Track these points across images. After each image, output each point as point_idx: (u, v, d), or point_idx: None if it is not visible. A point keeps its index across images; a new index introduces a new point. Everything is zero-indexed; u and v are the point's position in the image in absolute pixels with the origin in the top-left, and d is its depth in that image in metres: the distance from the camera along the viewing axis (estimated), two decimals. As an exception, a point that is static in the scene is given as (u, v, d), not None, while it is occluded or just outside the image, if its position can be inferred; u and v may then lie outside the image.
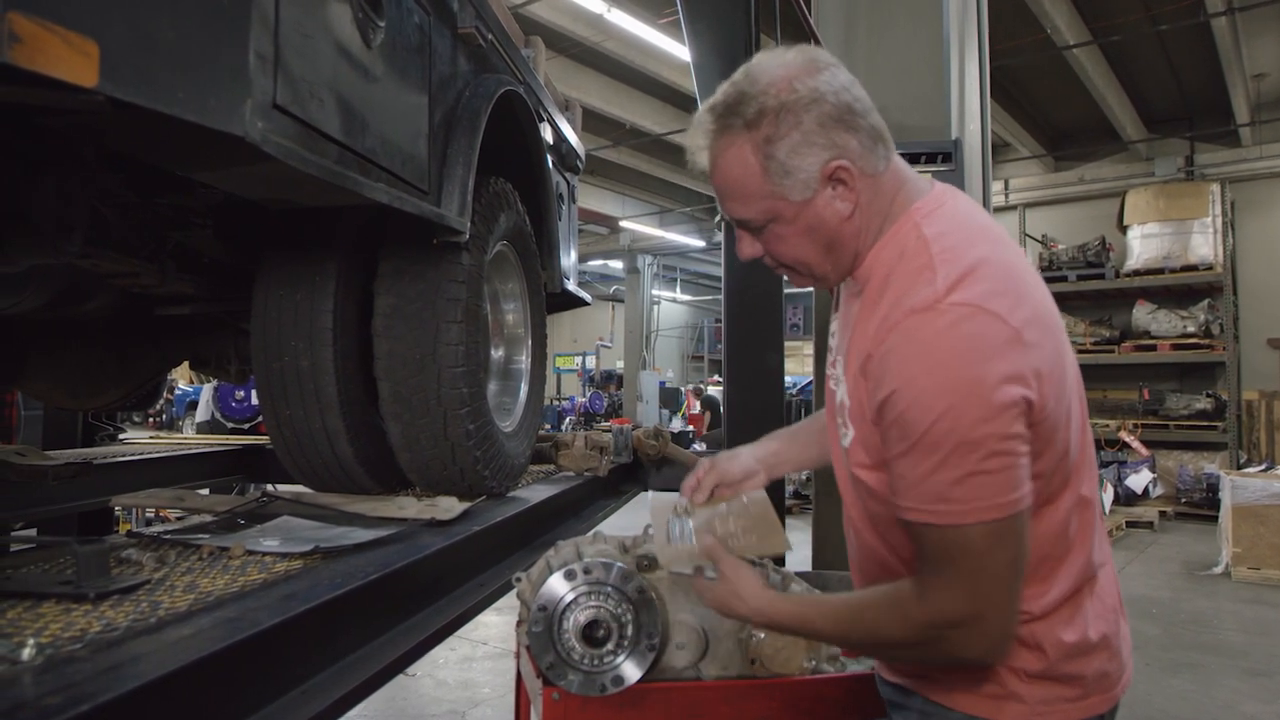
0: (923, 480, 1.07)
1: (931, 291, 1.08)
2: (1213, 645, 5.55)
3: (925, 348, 1.06)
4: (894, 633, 1.14)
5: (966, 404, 1.03)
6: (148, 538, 1.79)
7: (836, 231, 1.20)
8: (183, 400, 15.50)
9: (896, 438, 1.09)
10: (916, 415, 1.05)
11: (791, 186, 1.17)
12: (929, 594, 1.10)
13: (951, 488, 1.05)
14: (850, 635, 1.23)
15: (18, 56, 0.89)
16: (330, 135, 1.51)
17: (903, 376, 1.07)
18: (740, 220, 1.24)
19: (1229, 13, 8.64)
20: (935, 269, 1.11)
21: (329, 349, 2.17)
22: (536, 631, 1.57)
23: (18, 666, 1.02)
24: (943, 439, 1.04)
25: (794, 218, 1.19)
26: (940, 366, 1.05)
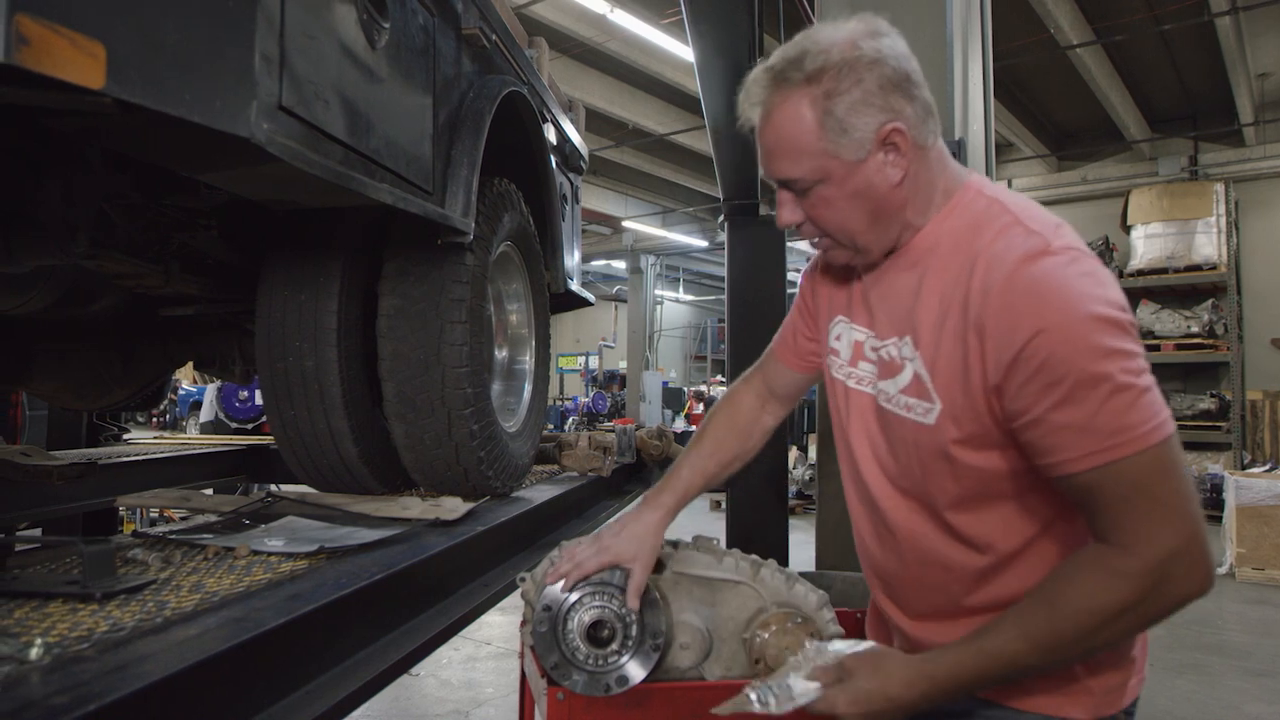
0: (1094, 417, 1.01)
1: (1038, 240, 1.09)
2: (1216, 646, 5.54)
3: (1053, 287, 1.04)
4: (1113, 600, 1.03)
5: (1109, 328, 1.02)
6: (153, 538, 1.80)
7: (885, 199, 1.18)
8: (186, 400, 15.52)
9: (1044, 386, 1.03)
10: (1067, 352, 1.01)
11: (846, 145, 1.14)
12: (1136, 538, 1.03)
13: (1127, 413, 1.01)
14: (1059, 637, 1.06)
15: (25, 59, 0.90)
16: (335, 136, 1.51)
17: (1040, 319, 1.03)
18: (787, 180, 1.20)
19: (1233, 12, 8.62)
20: (1025, 224, 1.12)
21: (333, 349, 2.18)
22: (541, 632, 1.57)
23: (25, 666, 1.02)
24: (1101, 368, 1.00)
25: (843, 179, 1.16)
26: (1075, 299, 1.03)
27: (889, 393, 1.23)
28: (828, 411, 1.47)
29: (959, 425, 1.13)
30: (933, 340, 1.15)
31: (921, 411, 1.17)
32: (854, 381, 1.31)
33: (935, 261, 1.18)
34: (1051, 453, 1.06)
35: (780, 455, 5.06)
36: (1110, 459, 1.01)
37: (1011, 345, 1.04)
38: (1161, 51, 10.48)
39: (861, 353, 1.30)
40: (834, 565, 3.80)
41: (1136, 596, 1.03)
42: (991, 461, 1.14)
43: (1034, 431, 1.06)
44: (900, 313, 1.22)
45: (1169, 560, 1.01)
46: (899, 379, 1.21)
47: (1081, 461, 1.03)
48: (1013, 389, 1.06)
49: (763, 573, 1.71)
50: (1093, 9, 9.22)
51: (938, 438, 1.16)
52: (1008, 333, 1.05)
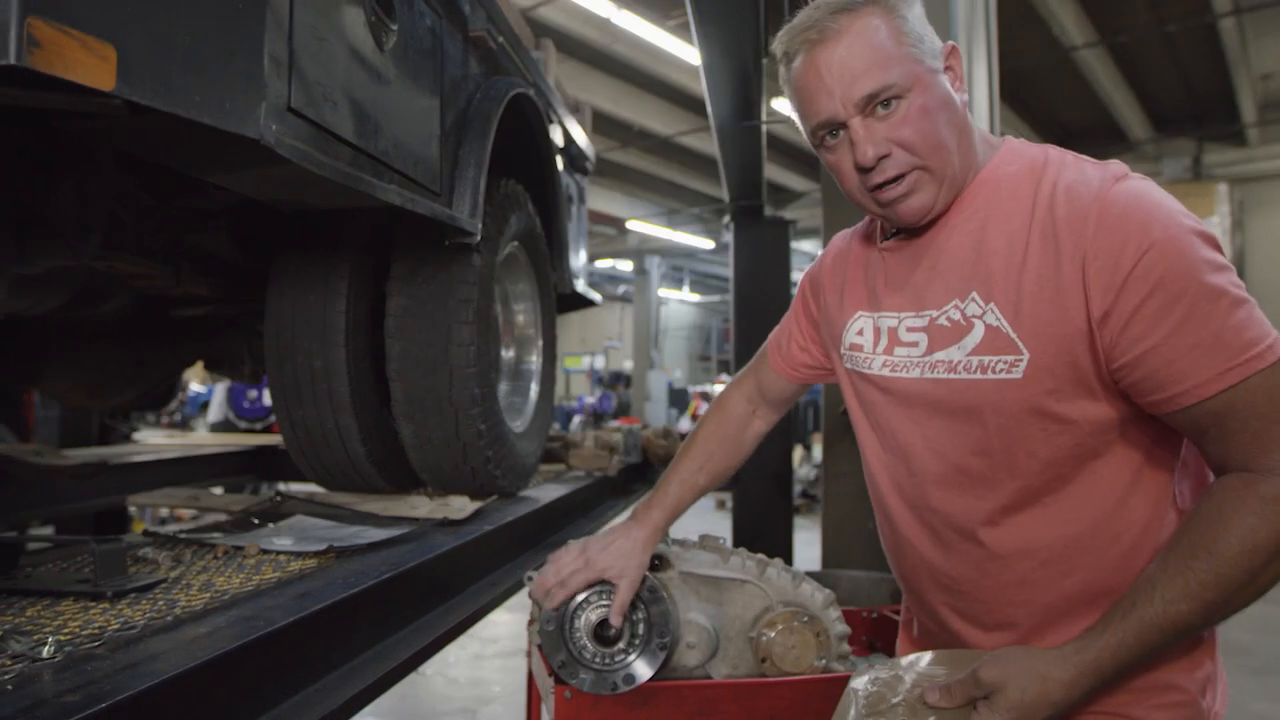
0: (1221, 333, 0.95)
1: (1115, 167, 1.05)
2: (1221, 645, 5.52)
3: (1153, 204, 1.00)
4: (1276, 530, 0.94)
5: (1212, 243, 0.99)
6: (164, 537, 1.81)
7: (963, 116, 1.12)
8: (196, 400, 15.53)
9: (1162, 305, 0.96)
10: (1183, 267, 0.96)
11: (926, 51, 1.10)
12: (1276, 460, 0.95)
13: (1250, 327, 0.96)
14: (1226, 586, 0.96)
15: (37, 61, 0.91)
16: (343, 138, 1.52)
17: (1147, 235, 0.97)
18: (874, 94, 1.08)
19: (1236, 13, 8.61)
20: (1088, 160, 1.09)
21: (342, 350, 2.19)
22: (548, 630, 1.58)
23: (38, 664, 1.03)
24: (1217, 281, 0.96)
25: (932, 86, 1.09)
26: (1177, 214, 1.00)
27: (953, 359, 1.12)
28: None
29: (1054, 374, 1.04)
30: (1011, 285, 1.06)
31: (1004, 367, 1.07)
32: (890, 370, 1.21)
33: (997, 208, 1.10)
34: (1176, 381, 0.97)
35: (785, 455, 5.07)
36: (1244, 375, 0.95)
37: (1121, 266, 0.98)
38: (1165, 52, 10.46)
39: (896, 338, 1.21)
40: (839, 564, 3.80)
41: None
42: (1087, 411, 1.05)
43: (1154, 360, 0.98)
44: (959, 272, 1.12)
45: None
46: (967, 341, 1.10)
47: (1214, 383, 0.96)
48: (1125, 313, 0.98)
49: (769, 571, 1.72)
50: (1096, 10, 9.21)
51: (1028, 392, 1.05)
52: (1114, 254, 0.98)
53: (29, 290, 2.13)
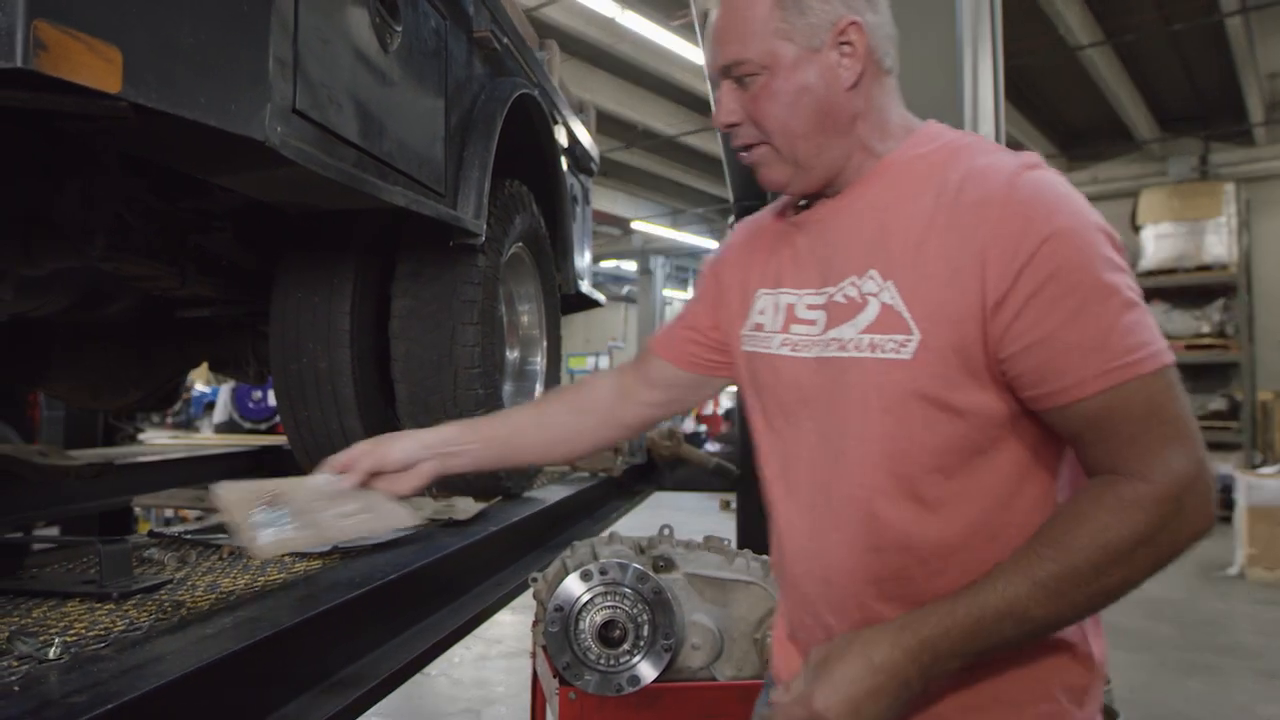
0: (1108, 332, 0.94)
1: (1028, 156, 1.03)
2: (1228, 647, 5.52)
3: (1060, 195, 0.99)
4: (1127, 532, 0.92)
5: (1112, 243, 0.97)
6: (169, 537, 1.82)
7: (835, 102, 1.08)
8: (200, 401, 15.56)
9: (1055, 296, 0.94)
10: (1080, 260, 0.95)
11: (801, 28, 1.06)
12: (1149, 465, 0.94)
13: (1138, 331, 0.94)
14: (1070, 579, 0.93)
15: (43, 64, 0.91)
16: (348, 139, 1.53)
17: (1055, 222, 0.95)
18: (730, 65, 1.09)
19: (1243, 12, 8.58)
20: (1005, 149, 1.06)
21: (346, 350, 2.19)
22: (553, 632, 1.58)
23: (44, 665, 1.04)
24: (1112, 279, 0.95)
25: (793, 69, 1.07)
26: (1082, 208, 0.98)
27: (844, 337, 1.08)
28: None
29: (943, 358, 1.00)
30: (910, 265, 1.03)
31: (894, 347, 1.03)
32: (790, 349, 1.16)
33: (906, 188, 1.07)
34: (1060, 375, 0.95)
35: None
36: (1126, 378, 0.93)
37: (1020, 252, 0.95)
38: (1171, 52, 10.43)
39: (794, 314, 1.17)
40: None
41: (1152, 527, 0.92)
42: (974, 402, 1.01)
43: (1041, 353, 0.96)
44: (861, 249, 1.09)
45: (1185, 488, 0.93)
46: (860, 318, 1.07)
47: (1095, 382, 0.94)
48: (1019, 300, 0.96)
49: (773, 573, 1.72)
50: (1102, 9, 9.19)
51: (915, 374, 1.02)
52: (1015, 238, 0.96)
53: (35, 291, 2.13)
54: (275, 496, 1.23)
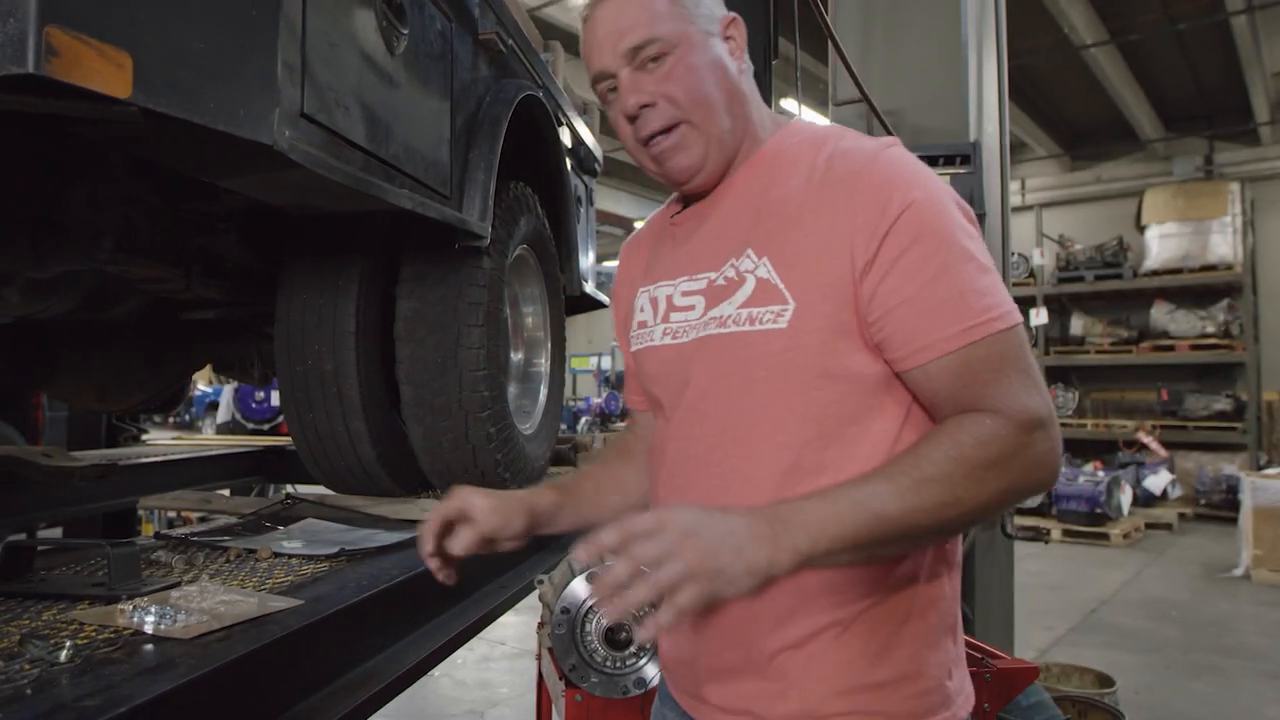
0: (965, 294, 1.00)
1: (889, 139, 1.12)
2: (1234, 648, 5.51)
3: (918, 168, 1.07)
4: (981, 451, 0.94)
5: (966, 215, 1.06)
6: (176, 539, 1.82)
7: (736, 82, 1.16)
8: (202, 401, 15.60)
9: (918, 259, 1.00)
10: (939, 224, 1.02)
11: (699, 16, 1.14)
12: (1005, 402, 0.97)
13: (992, 292, 1.01)
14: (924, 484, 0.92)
15: (55, 69, 0.91)
16: (355, 142, 1.53)
17: (914, 193, 1.02)
18: (640, 45, 1.11)
19: (1248, 11, 8.57)
20: (868, 137, 1.14)
21: (352, 352, 2.19)
22: (559, 634, 1.59)
23: (55, 668, 1.04)
24: (967, 245, 1.02)
25: (701, 46, 1.13)
26: (938, 182, 1.07)
27: (724, 314, 1.11)
28: None
29: (817, 324, 1.04)
30: (784, 239, 1.08)
31: (770, 317, 1.06)
32: (671, 337, 1.18)
33: (779, 173, 1.13)
34: (924, 333, 1.00)
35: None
36: (985, 333, 0.99)
37: (885, 216, 1.02)
38: (1176, 51, 10.42)
39: (672, 304, 1.20)
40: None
41: (1003, 453, 0.95)
42: (848, 366, 1.05)
43: (905, 313, 1.01)
44: (738, 232, 1.14)
45: (1036, 426, 0.97)
46: (738, 295, 1.10)
47: (957, 338, 0.99)
48: (886, 263, 1.01)
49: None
50: (1107, 8, 9.18)
51: (793, 342, 1.05)
52: (880, 204, 1.02)
53: (42, 294, 2.14)
54: None
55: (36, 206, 1.67)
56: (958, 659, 1.13)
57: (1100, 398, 12.38)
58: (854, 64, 3.91)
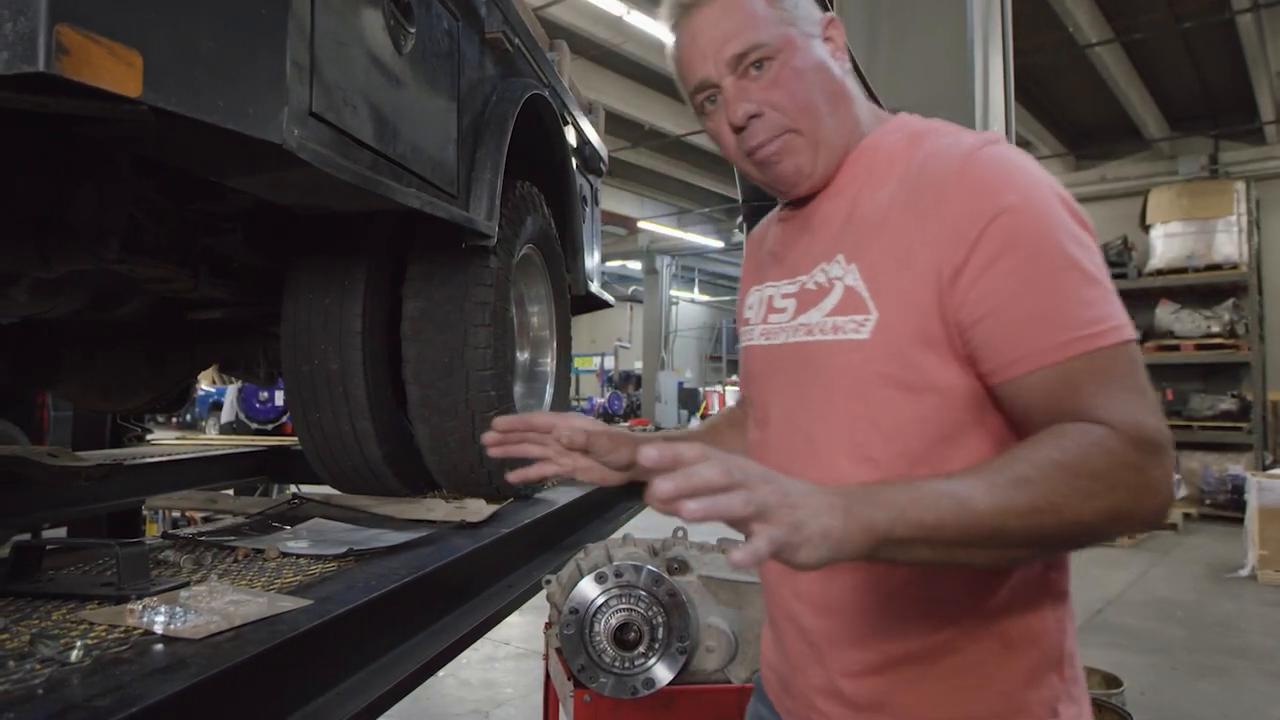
0: (1066, 302, 0.92)
1: (990, 134, 1.03)
2: (1239, 648, 5.50)
3: (1018, 166, 0.98)
4: (1084, 460, 0.86)
5: (1075, 217, 0.96)
6: (184, 539, 1.82)
7: (840, 83, 1.11)
8: (205, 401, 15.62)
9: (1012, 265, 0.93)
10: (1038, 228, 0.93)
11: (801, 18, 1.09)
12: (1119, 416, 0.88)
13: (1100, 304, 0.92)
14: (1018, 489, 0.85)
15: (65, 68, 0.91)
16: (363, 141, 1.53)
17: (1012, 195, 0.94)
18: (744, 53, 1.08)
19: (1254, 10, 8.55)
20: (968, 130, 1.07)
21: (358, 352, 2.19)
22: (568, 634, 1.58)
23: (66, 668, 1.04)
24: (1072, 251, 0.93)
25: (805, 49, 1.08)
26: (1041, 179, 0.97)
27: (812, 322, 1.09)
28: None
29: (900, 336, 1.00)
30: (870, 246, 1.04)
31: (854, 327, 1.03)
32: (765, 338, 1.18)
33: (874, 174, 1.09)
34: (1015, 345, 0.93)
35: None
36: (1083, 349, 0.90)
37: (976, 221, 0.94)
38: (1181, 49, 10.40)
39: (771, 305, 1.19)
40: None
41: (1114, 464, 0.86)
42: (934, 380, 0.99)
43: (996, 322, 0.94)
44: (830, 236, 1.11)
45: (1151, 446, 0.87)
46: (825, 302, 1.08)
47: (1052, 353, 0.91)
48: (975, 271, 0.94)
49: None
50: (1112, 7, 9.16)
51: (874, 354, 1.01)
52: (971, 209, 0.95)
53: (48, 293, 2.14)
54: None
55: (43, 206, 1.67)
56: (1067, 696, 1.04)
57: (1105, 397, 12.34)
58: (860, 62, 3.91)
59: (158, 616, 1.21)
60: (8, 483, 2.41)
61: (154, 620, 1.21)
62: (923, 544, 0.84)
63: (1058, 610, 1.05)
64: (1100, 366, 0.90)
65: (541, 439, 1.19)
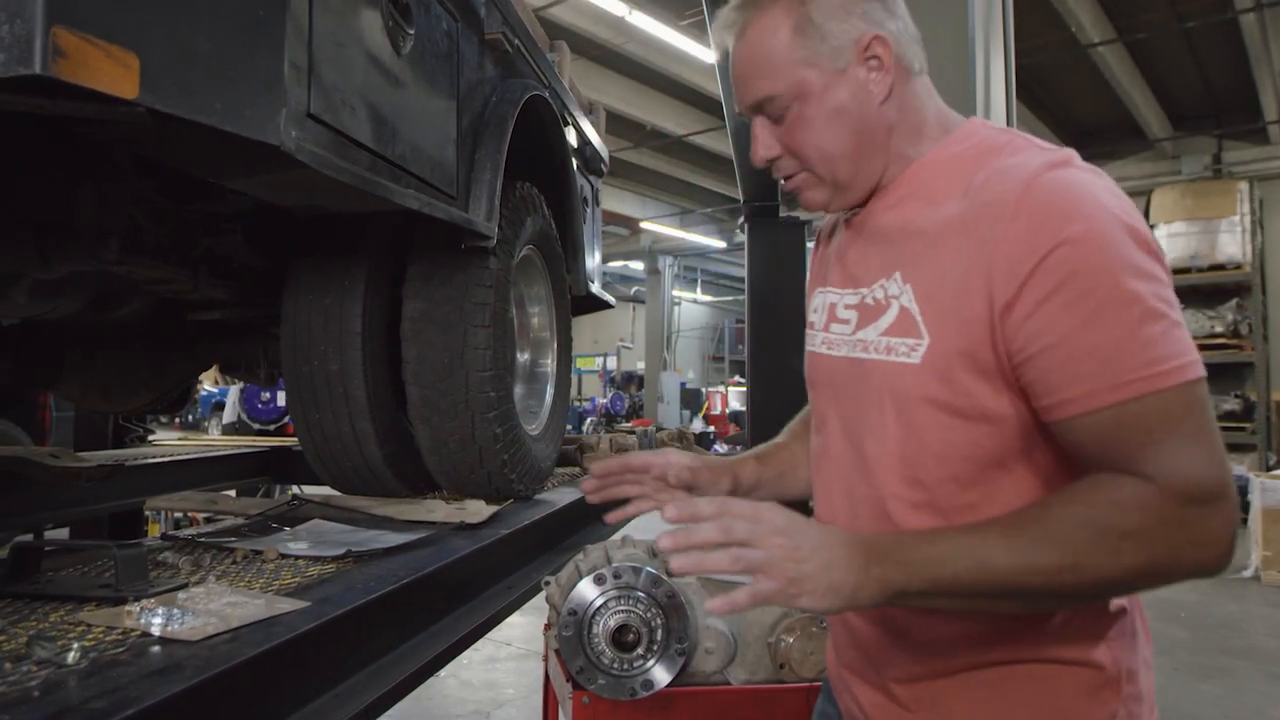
0: (1124, 342, 0.88)
1: (1059, 154, 0.99)
2: (1243, 650, 5.49)
3: (1083, 194, 0.93)
4: (1115, 521, 0.87)
5: (1142, 246, 0.91)
6: (183, 541, 1.82)
7: (869, 119, 1.07)
8: (208, 401, 15.65)
9: (1067, 302, 0.89)
10: (1098, 263, 0.89)
11: (825, 54, 1.05)
12: (1160, 467, 0.87)
13: (1160, 343, 0.88)
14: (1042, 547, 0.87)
15: (62, 70, 0.91)
16: (362, 143, 1.53)
17: (1066, 226, 0.90)
18: (761, 102, 1.09)
19: (1257, 9, 8.54)
20: (1041, 145, 1.03)
21: (358, 353, 2.19)
22: (566, 636, 1.58)
23: (63, 670, 1.04)
24: (1134, 286, 0.88)
25: (823, 94, 1.06)
26: (1108, 208, 0.92)
27: (868, 339, 1.08)
28: None
29: (950, 362, 0.98)
30: (926, 266, 1.02)
31: (905, 350, 1.02)
32: (827, 347, 1.18)
33: (935, 190, 1.06)
34: (1067, 386, 0.90)
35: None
36: (1139, 392, 0.87)
37: (1032, 254, 0.91)
38: (1184, 49, 10.38)
39: (834, 314, 1.18)
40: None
41: (1147, 522, 0.86)
42: (985, 408, 0.98)
43: (1049, 359, 0.91)
44: (889, 250, 1.09)
45: (1198, 500, 0.86)
46: (882, 320, 1.07)
47: (1105, 395, 0.88)
48: (1028, 305, 0.91)
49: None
50: (1114, 7, 9.16)
51: (923, 378, 1.00)
52: (1027, 240, 0.91)
53: (49, 294, 2.14)
54: None
55: (43, 207, 1.67)
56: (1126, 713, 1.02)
57: (1108, 398, 12.32)
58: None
59: (155, 618, 1.21)
60: (9, 483, 2.41)
61: (151, 622, 1.21)
62: (938, 596, 0.89)
63: (1118, 626, 1.03)
64: (1155, 410, 0.88)
65: (639, 478, 1.28)
